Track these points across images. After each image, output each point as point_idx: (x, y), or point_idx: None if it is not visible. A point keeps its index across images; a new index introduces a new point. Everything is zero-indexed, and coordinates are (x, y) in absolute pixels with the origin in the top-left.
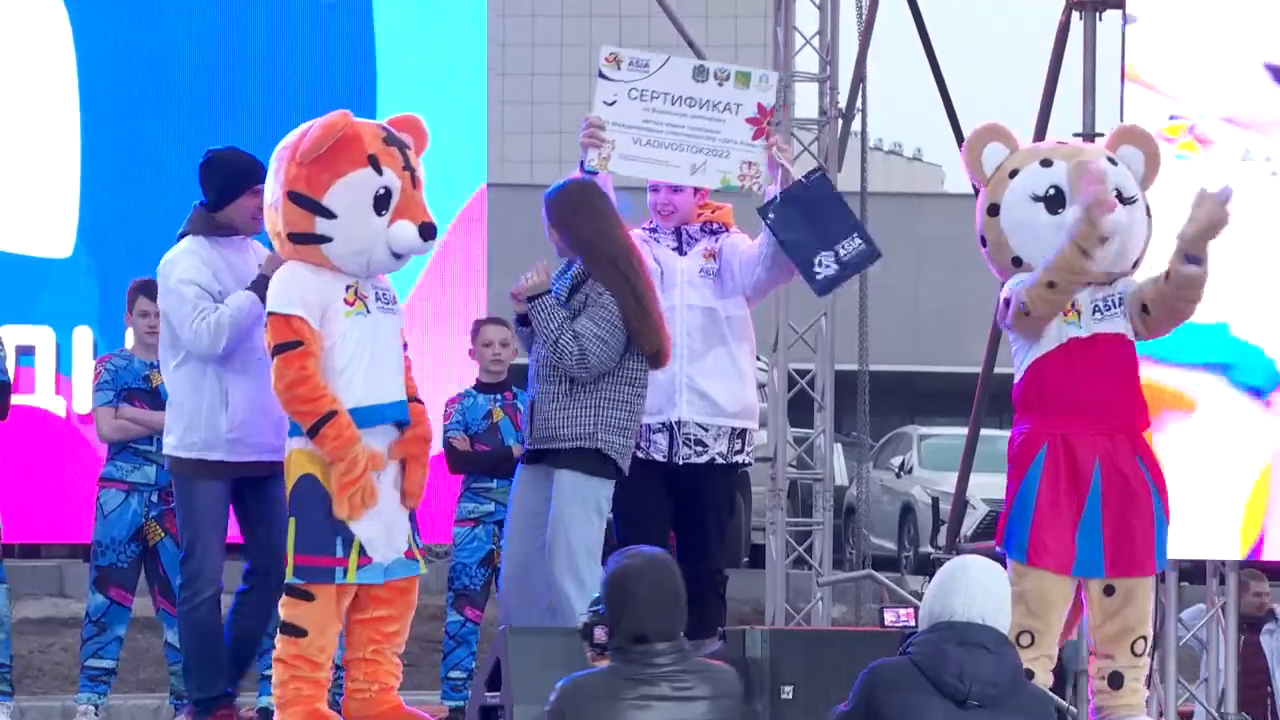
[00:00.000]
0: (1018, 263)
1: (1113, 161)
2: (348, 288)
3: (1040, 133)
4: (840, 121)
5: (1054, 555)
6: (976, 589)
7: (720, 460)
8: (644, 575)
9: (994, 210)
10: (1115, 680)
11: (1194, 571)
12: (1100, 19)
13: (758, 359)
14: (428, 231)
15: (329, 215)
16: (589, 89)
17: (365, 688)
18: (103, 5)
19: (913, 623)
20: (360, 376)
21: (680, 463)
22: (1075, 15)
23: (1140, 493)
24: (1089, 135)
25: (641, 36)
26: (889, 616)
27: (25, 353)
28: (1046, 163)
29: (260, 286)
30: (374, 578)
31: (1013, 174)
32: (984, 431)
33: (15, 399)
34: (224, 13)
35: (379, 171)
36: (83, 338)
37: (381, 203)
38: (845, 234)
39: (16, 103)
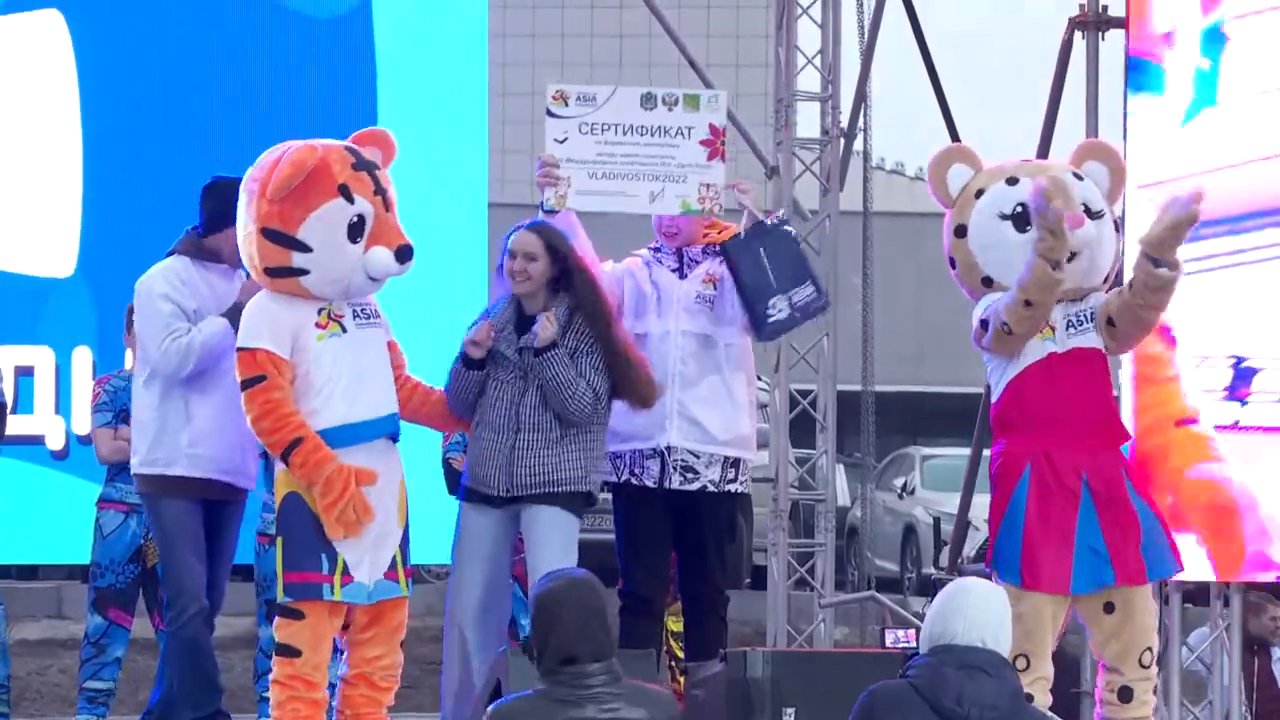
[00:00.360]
0: (988, 283)
1: (1078, 176)
2: (320, 311)
3: (1043, 151)
4: (842, 141)
5: (1049, 577)
6: (977, 612)
7: (711, 488)
8: (568, 597)
9: (961, 231)
10: (1125, 694)
11: (1198, 593)
12: (1103, 38)
13: (759, 379)
14: (404, 255)
15: (305, 249)
16: None
17: (341, 712)
18: (104, 25)
19: (914, 643)
20: (340, 395)
21: (669, 489)
22: (1078, 34)
23: (1128, 504)
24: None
25: (642, 55)
26: (890, 637)
27: (24, 373)
28: (1012, 181)
29: (235, 314)
30: (358, 598)
31: (978, 194)
32: (987, 452)
33: (12, 419)
34: (226, 33)
35: (350, 200)
36: (82, 358)
37: (355, 230)
38: (800, 281)
39: (18, 122)
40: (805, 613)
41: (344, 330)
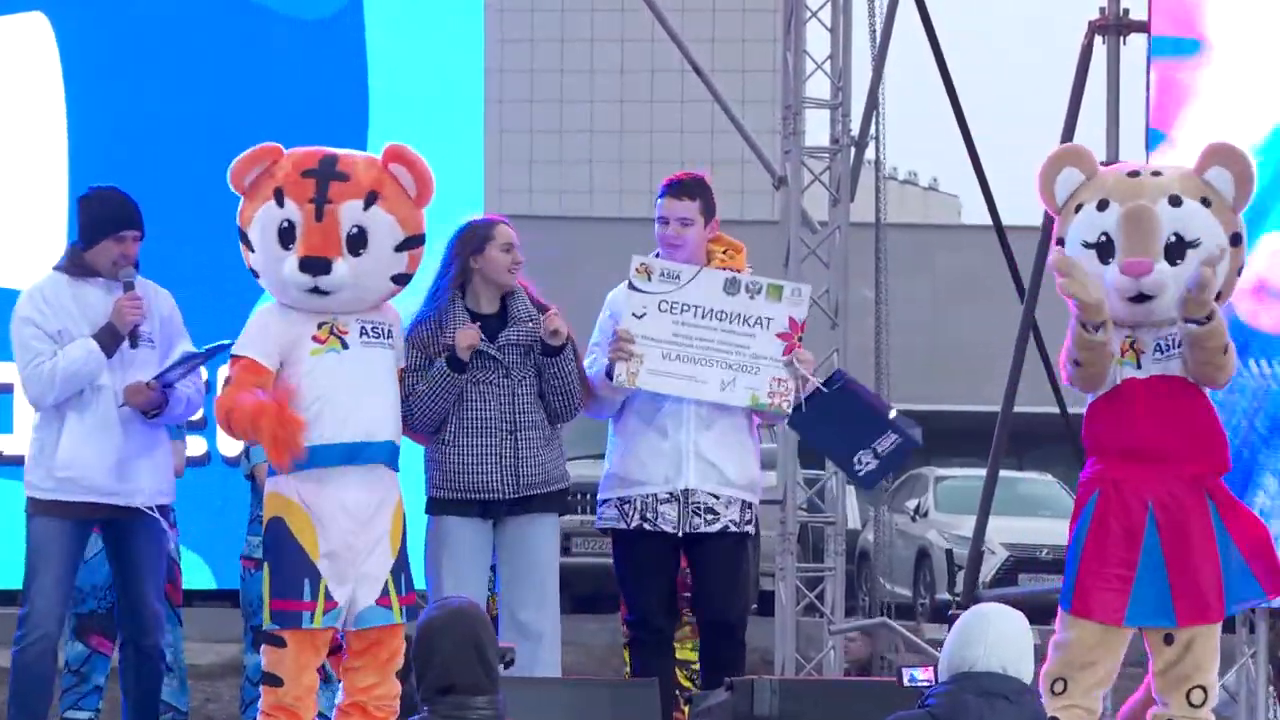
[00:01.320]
0: None
1: (1176, 201)
2: (320, 325)
3: None
4: (853, 150)
5: (1100, 605)
6: (997, 638)
7: (733, 528)
8: (445, 628)
9: (1061, 243)
10: None
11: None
12: (1124, 42)
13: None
14: (306, 264)
15: (252, 249)
16: (589, 116)
17: None
18: (91, 32)
19: (932, 681)
20: (330, 414)
21: (689, 533)
22: (1098, 39)
23: (1203, 536)
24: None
25: (645, 61)
26: (906, 676)
27: (5, 390)
28: (1103, 205)
29: (106, 335)
30: (338, 623)
31: (1078, 208)
32: (1003, 473)
33: None
34: (214, 41)
35: (280, 204)
36: None
37: (285, 236)
38: (879, 432)
39: (3, 134)
40: (814, 640)
41: (345, 347)
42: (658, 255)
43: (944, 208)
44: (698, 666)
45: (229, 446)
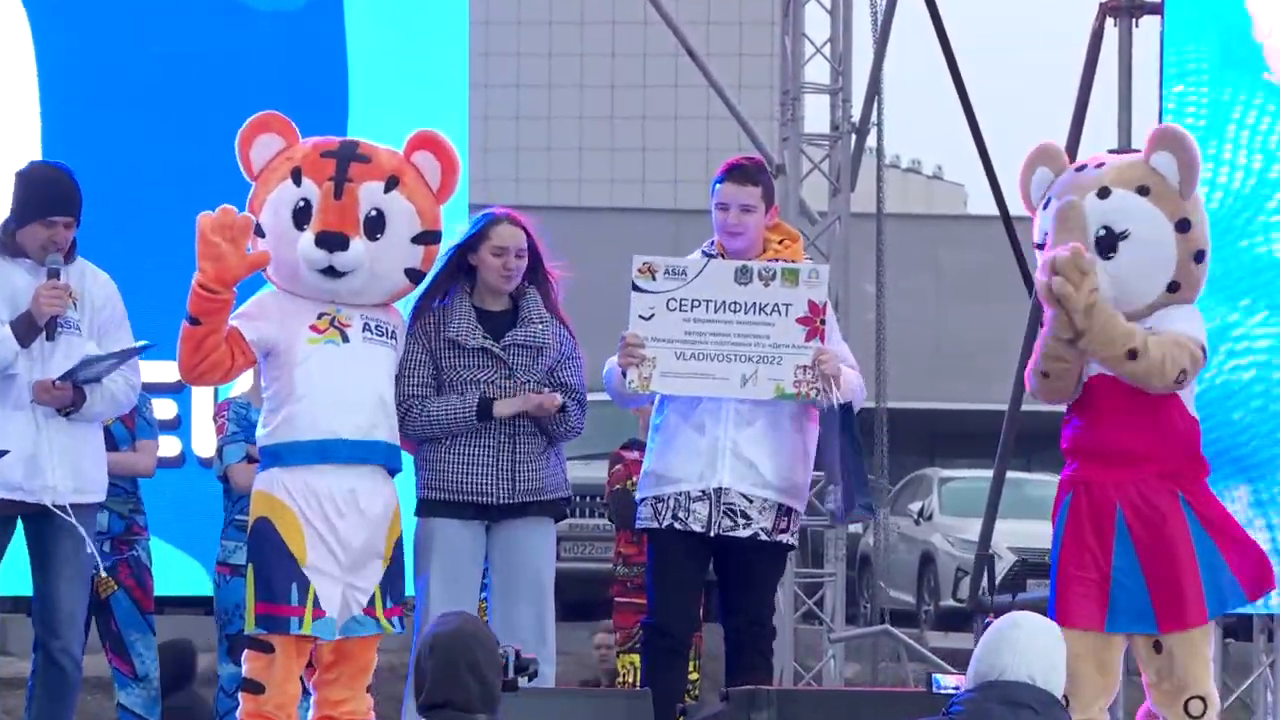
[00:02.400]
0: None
1: (1105, 193)
2: (320, 315)
3: (1072, 147)
4: (854, 137)
5: (1081, 612)
6: (1027, 646)
7: (764, 536)
8: (442, 644)
9: (1041, 247)
10: None
11: (1239, 627)
12: (1137, 25)
13: None
14: (323, 239)
15: (261, 235)
16: (579, 101)
17: None
18: (66, 22)
19: (960, 687)
20: (322, 407)
21: (719, 535)
22: (1109, 21)
23: (1178, 537)
24: (1124, 150)
25: (637, 44)
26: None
27: None
28: (1047, 203)
29: (22, 325)
30: (323, 632)
31: (1046, 205)
32: (1010, 474)
33: None
34: (189, 27)
35: (298, 183)
36: None
37: (301, 216)
38: (837, 479)
39: None
40: (813, 648)
41: (345, 340)
42: (711, 244)
43: (949, 198)
44: (697, 677)
45: (204, 447)
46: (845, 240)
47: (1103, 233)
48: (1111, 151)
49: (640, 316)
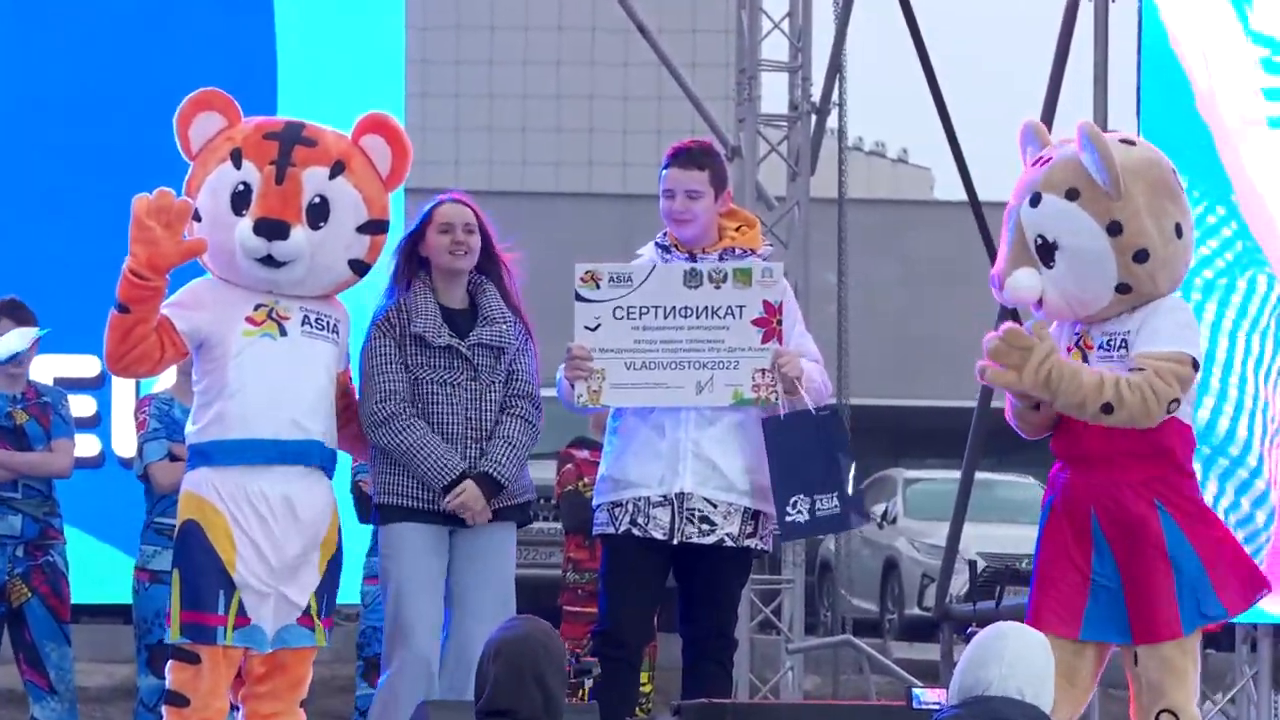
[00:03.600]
0: None
1: (1035, 200)
2: (257, 306)
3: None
4: (814, 117)
5: (1055, 619)
6: (1016, 660)
7: (729, 543)
8: (507, 650)
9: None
10: None
11: (1222, 637)
12: (1113, 1)
13: None
14: (262, 227)
15: (197, 219)
16: (521, 80)
17: None
18: None
19: (942, 702)
20: (254, 405)
21: (682, 542)
22: None
23: (1152, 547)
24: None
25: (585, 18)
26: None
27: None
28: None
29: None
30: (253, 642)
31: None
32: (979, 475)
33: None
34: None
35: (237, 165)
36: None
37: (239, 201)
38: (829, 490)
39: None
40: (771, 660)
41: (283, 333)
42: (664, 234)
43: (915, 182)
44: (650, 689)
45: (125, 446)
46: (805, 227)
47: (1039, 242)
48: (1065, 141)
49: (586, 327)
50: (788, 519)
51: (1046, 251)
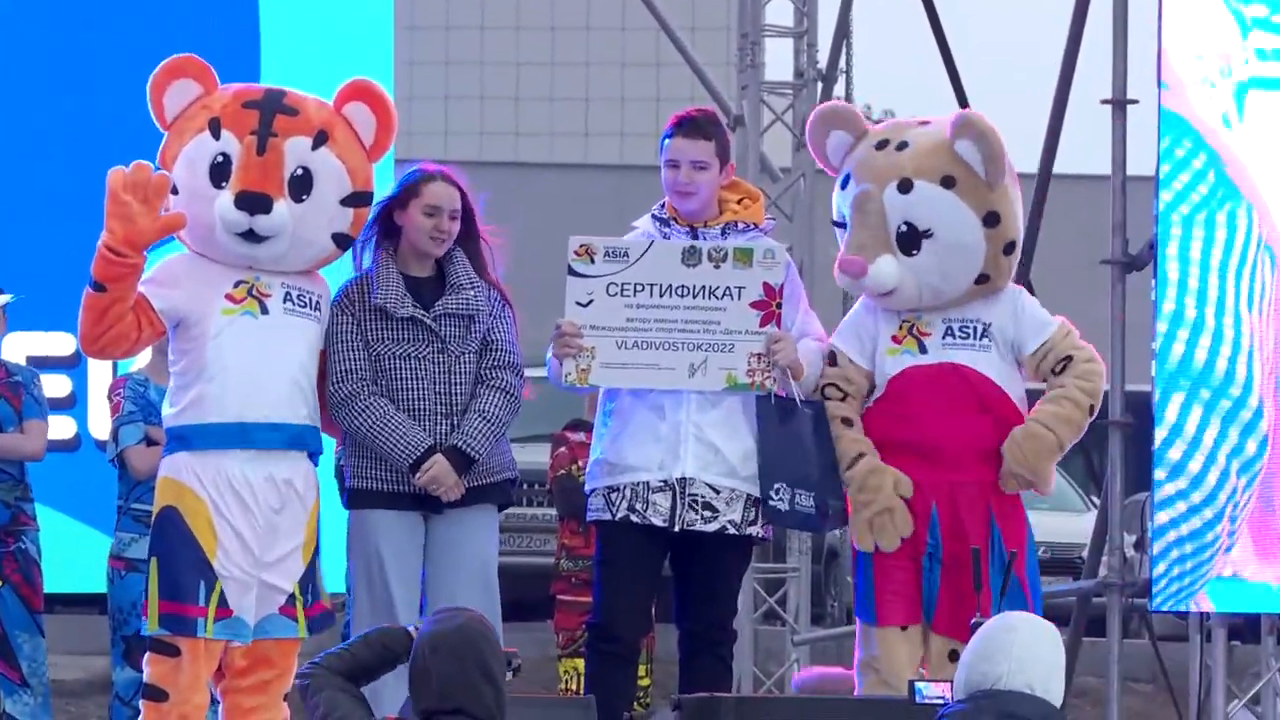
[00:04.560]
0: None
1: (907, 186)
2: (238, 283)
3: (1062, 95)
4: (820, 85)
5: (903, 608)
6: (1024, 652)
7: (732, 530)
8: (442, 644)
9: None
10: None
11: (1246, 628)
12: None
13: None
14: (243, 200)
15: (175, 192)
16: (514, 46)
17: None
18: None
19: (947, 697)
20: (234, 386)
21: (683, 529)
22: None
23: (968, 555)
24: (1119, 101)
25: None
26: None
27: None
28: (845, 181)
29: None
30: (235, 634)
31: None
32: None
33: None
34: None
35: (216, 136)
36: None
37: (219, 173)
38: (807, 486)
39: None
40: (775, 652)
41: (264, 311)
42: (661, 206)
43: None
44: (648, 683)
45: (101, 427)
46: (810, 199)
47: (905, 229)
48: (922, 122)
49: (577, 303)
50: (770, 503)
51: (911, 239)
